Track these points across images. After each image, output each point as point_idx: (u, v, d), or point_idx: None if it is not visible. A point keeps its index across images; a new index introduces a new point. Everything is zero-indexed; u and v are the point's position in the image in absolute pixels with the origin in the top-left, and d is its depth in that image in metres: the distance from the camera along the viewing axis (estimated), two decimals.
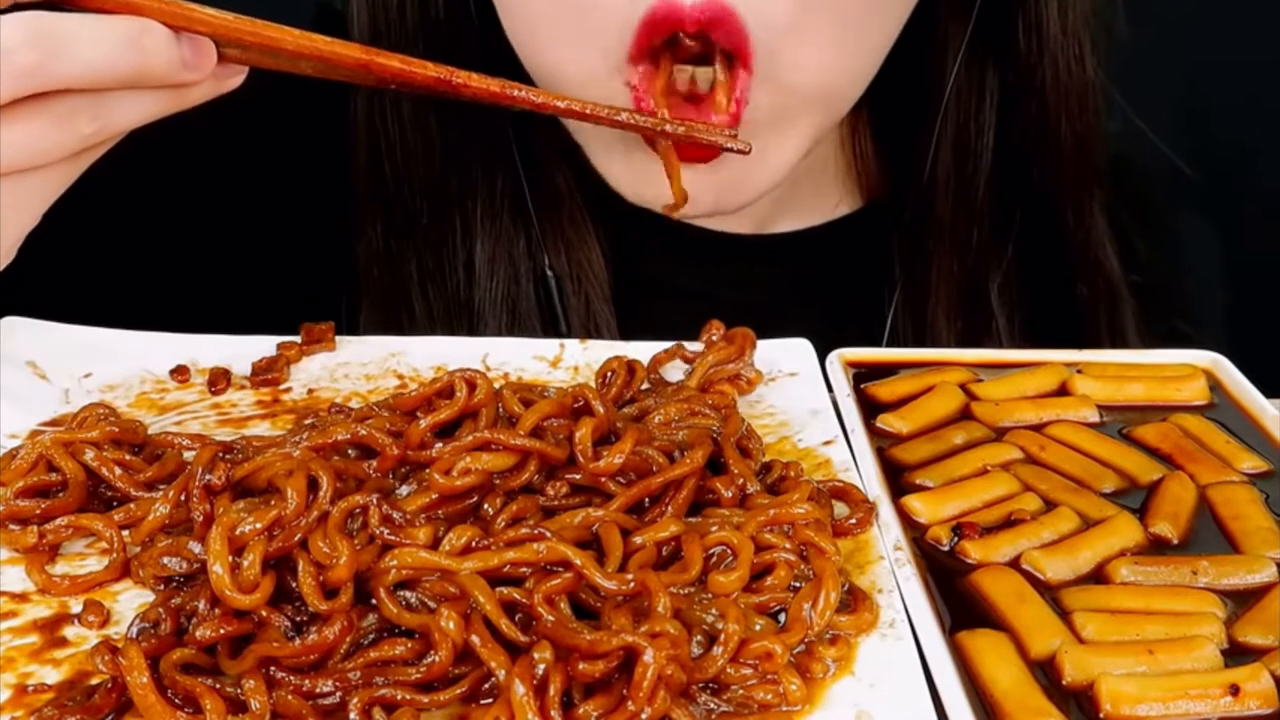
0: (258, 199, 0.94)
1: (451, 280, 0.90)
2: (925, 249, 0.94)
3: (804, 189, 0.96)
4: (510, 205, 0.90)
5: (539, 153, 0.91)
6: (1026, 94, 0.91)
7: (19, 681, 0.53)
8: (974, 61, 0.90)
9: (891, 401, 0.74)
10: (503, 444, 0.61)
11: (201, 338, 0.79)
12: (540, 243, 0.91)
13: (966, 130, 0.92)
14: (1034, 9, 0.88)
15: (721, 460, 0.65)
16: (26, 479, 0.62)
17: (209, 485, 0.60)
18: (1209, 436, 0.71)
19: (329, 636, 0.53)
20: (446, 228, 0.90)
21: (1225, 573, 0.59)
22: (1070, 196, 0.94)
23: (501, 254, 0.90)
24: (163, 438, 0.69)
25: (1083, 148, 0.92)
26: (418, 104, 0.88)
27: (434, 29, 0.87)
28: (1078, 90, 0.90)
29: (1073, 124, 0.91)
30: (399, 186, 0.90)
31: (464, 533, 0.57)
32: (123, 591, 0.59)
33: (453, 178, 0.90)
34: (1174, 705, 0.52)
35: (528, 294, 0.91)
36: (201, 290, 0.92)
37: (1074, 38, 0.89)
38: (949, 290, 0.94)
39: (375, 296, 0.92)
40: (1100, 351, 0.79)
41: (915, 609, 0.57)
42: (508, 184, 0.90)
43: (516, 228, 0.90)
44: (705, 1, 0.72)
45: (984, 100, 0.91)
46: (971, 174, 0.93)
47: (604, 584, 0.56)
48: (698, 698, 0.53)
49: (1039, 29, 0.88)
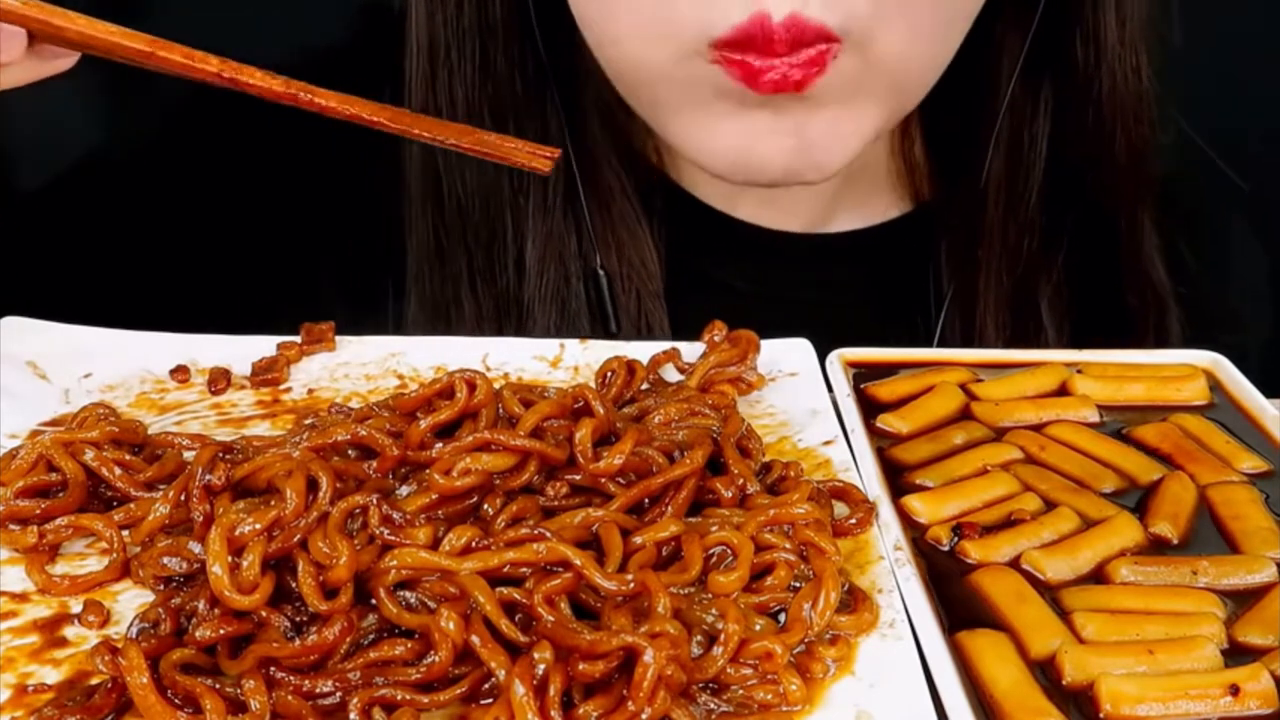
0: (279, 195, 0.94)
1: (501, 278, 0.91)
2: (975, 257, 0.93)
3: (857, 189, 0.96)
4: (562, 203, 0.90)
5: (592, 150, 0.90)
6: (1082, 104, 0.90)
7: (19, 681, 0.53)
8: (1030, 70, 0.90)
9: (891, 401, 0.74)
10: (503, 444, 0.61)
11: (201, 338, 0.79)
12: (592, 240, 0.90)
13: (1020, 139, 0.91)
14: (1092, 18, 0.88)
15: (721, 460, 0.65)
16: (26, 479, 0.62)
17: (209, 485, 0.60)
18: (1209, 436, 0.71)
19: (329, 637, 0.53)
20: (498, 225, 0.90)
21: (1225, 573, 0.59)
22: (1123, 207, 0.93)
23: (552, 252, 0.90)
24: (163, 438, 0.69)
25: (1137, 159, 0.92)
26: (471, 100, 0.88)
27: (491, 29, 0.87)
28: (1134, 101, 0.90)
29: (1128, 135, 0.91)
30: (451, 184, 0.90)
31: (464, 533, 0.57)
32: (123, 591, 0.59)
33: (505, 176, 0.90)
34: (1174, 705, 0.52)
35: (578, 292, 0.91)
36: (205, 290, 0.92)
37: (1131, 48, 0.88)
38: (998, 298, 0.94)
39: (424, 294, 0.92)
40: (1100, 351, 0.79)
41: (915, 609, 0.57)
42: (559, 182, 0.90)
43: (568, 225, 0.90)
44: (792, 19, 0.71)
45: (1039, 109, 0.91)
46: (1024, 183, 0.92)
47: (604, 584, 0.56)
48: (698, 698, 0.53)
49: (1097, 39, 0.88)
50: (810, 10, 0.72)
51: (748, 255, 0.95)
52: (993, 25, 0.88)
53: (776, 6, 0.71)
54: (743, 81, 0.74)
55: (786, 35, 0.72)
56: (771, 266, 0.95)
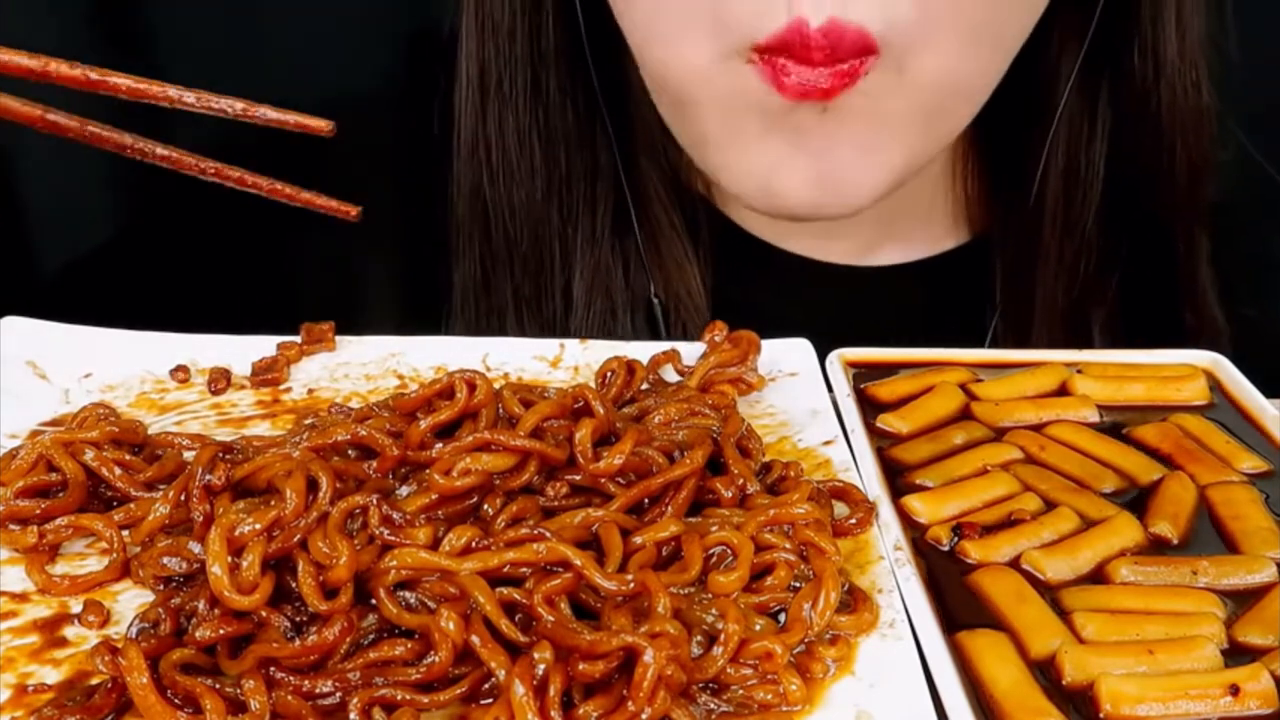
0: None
1: (548, 307, 0.91)
2: (1030, 278, 0.92)
3: (908, 219, 0.95)
4: (610, 235, 0.90)
5: (641, 181, 0.90)
6: (1141, 120, 0.88)
7: (19, 681, 0.53)
8: (1087, 86, 0.88)
9: (891, 401, 0.74)
10: (503, 445, 0.61)
11: (201, 338, 0.79)
12: (644, 270, 0.90)
13: (1077, 158, 0.90)
14: (1151, 31, 0.86)
15: (721, 460, 0.65)
16: (26, 479, 0.62)
17: (209, 485, 0.60)
18: (1209, 436, 0.71)
19: (329, 638, 0.53)
20: (546, 255, 0.90)
21: (1225, 573, 0.59)
22: (1181, 226, 0.92)
23: (600, 283, 0.90)
24: (163, 438, 0.69)
25: (1196, 176, 0.90)
26: (521, 127, 0.88)
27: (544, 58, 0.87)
28: (1193, 117, 0.88)
29: (1188, 152, 0.89)
30: (499, 214, 0.90)
31: (464, 533, 0.57)
32: (123, 591, 0.59)
33: (555, 206, 0.90)
34: (1174, 705, 0.52)
35: (624, 323, 0.90)
36: (210, 290, 0.92)
37: (1190, 62, 0.87)
38: (1052, 321, 0.92)
39: (469, 320, 0.92)
40: (1100, 351, 0.79)
41: (915, 609, 0.57)
42: (608, 213, 0.90)
43: (615, 257, 0.90)
44: (830, 25, 0.70)
45: (1095, 126, 0.89)
46: (1082, 204, 0.90)
47: (604, 584, 0.56)
48: (698, 698, 0.53)
49: (1155, 52, 0.86)
50: (849, 13, 0.70)
51: (795, 287, 0.94)
52: (1046, 41, 0.86)
53: (815, 12, 0.70)
54: (770, 82, 0.73)
55: (824, 41, 0.70)
56: (820, 296, 0.94)
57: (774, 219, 0.87)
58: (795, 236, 0.93)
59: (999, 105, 0.82)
